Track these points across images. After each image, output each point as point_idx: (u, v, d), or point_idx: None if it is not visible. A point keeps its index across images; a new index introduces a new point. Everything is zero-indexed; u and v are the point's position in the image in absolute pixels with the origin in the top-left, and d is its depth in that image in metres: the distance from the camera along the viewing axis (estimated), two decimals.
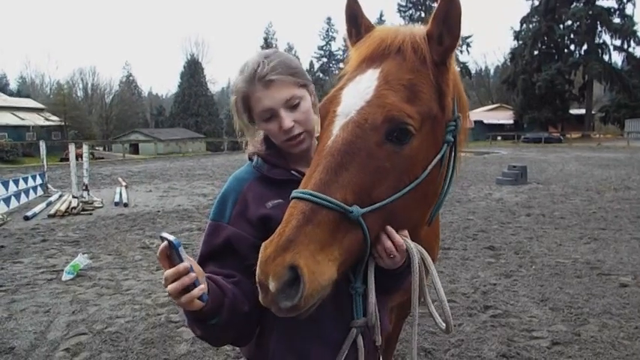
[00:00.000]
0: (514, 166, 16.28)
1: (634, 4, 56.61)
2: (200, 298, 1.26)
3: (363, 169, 1.32)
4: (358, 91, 1.41)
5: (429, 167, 1.43)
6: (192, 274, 1.24)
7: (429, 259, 1.47)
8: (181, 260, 1.24)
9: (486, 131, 60.61)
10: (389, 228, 1.38)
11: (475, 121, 65.43)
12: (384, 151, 1.34)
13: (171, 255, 1.27)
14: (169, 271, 1.23)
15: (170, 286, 1.22)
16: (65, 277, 6.13)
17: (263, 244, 1.26)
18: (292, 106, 1.50)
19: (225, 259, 1.47)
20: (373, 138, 1.33)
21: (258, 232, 1.46)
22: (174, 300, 1.26)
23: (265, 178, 1.55)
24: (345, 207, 1.27)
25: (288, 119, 1.48)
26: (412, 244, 1.43)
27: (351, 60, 1.56)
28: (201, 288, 1.26)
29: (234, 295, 1.39)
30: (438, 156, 1.45)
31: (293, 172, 1.54)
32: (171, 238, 1.25)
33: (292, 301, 1.21)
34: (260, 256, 1.24)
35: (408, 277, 1.46)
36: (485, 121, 66.67)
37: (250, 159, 1.63)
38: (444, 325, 1.54)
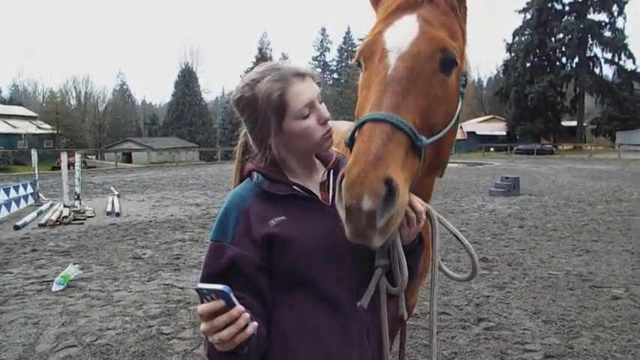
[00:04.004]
0: (507, 178, 16.33)
1: (624, 18, 57.33)
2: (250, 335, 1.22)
3: (424, 95, 1.38)
4: (402, 31, 1.46)
5: (459, 106, 1.51)
6: (247, 315, 1.19)
7: (442, 218, 1.54)
8: (232, 304, 1.17)
9: (479, 142, 61.00)
10: (410, 194, 1.40)
11: (468, 133, 65.91)
12: (438, 79, 1.42)
13: (219, 307, 1.18)
14: (221, 318, 1.17)
15: (223, 334, 1.17)
16: (55, 287, 6.06)
17: (345, 169, 1.23)
18: (319, 100, 1.52)
19: (230, 281, 1.38)
20: (429, 66, 1.41)
21: (262, 252, 1.41)
22: (220, 346, 1.20)
23: (266, 195, 1.48)
24: (416, 134, 1.31)
25: (325, 110, 1.50)
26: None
27: (378, 16, 1.60)
28: (255, 326, 1.21)
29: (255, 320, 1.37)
30: (460, 103, 1.53)
31: (294, 187, 1.50)
32: (219, 287, 1.15)
33: (389, 214, 1.20)
34: (346, 178, 1.20)
35: (421, 256, 1.51)
36: (478, 133, 67.13)
37: (248, 176, 1.56)
38: (458, 275, 1.59)
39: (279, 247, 1.41)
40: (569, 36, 56.79)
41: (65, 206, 12.04)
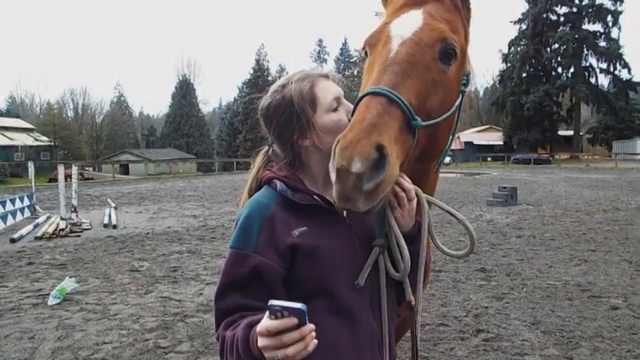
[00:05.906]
0: (504, 187, 16.34)
1: (619, 28, 57.78)
2: None
3: (422, 78, 1.46)
4: (408, 22, 1.57)
5: (458, 101, 1.59)
6: (314, 333, 1.17)
7: (433, 199, 1.58)
8: (304, 322, 1.14)
9: (476, 152, 61.26)
10: (401, 174, 1.44)
11: (465, 142, 66.15)
12: (437, 67, 1.51)
13: (291, 324, 1.14)
14: (292, 335, 1.13)
15: (290, 351, 1.13)
16: (51, 301, 6.01)
17: (340, 135, 1.28)
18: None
19: (251, 289, 1.36)
20: (429, 54, 1.49)
21: (284, 262, 1.39)
22: None
23: (289, 203, 1.44)
24: (412, 112, 1.38)
25: (351, 106, 1.52)
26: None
27: (387, 12, 1.72)
28: (315, 343, 1.18)
29: None
30: (459, 99, 1.60)
31: (315, 197, 1.47)
32: (297, 305, 1.12)
33: (377, 179, 1.24)
34: (340, 143, 1.25)
35: (423, 245, 1.51)
36: (475, 142, 67.39)
37: (268, 183, 1.52)
38: (456, 252, 1.64)
39: (300, 257, 1.40)
40: (565, 46, 57.19)
41: (62, 219, 12.00)
